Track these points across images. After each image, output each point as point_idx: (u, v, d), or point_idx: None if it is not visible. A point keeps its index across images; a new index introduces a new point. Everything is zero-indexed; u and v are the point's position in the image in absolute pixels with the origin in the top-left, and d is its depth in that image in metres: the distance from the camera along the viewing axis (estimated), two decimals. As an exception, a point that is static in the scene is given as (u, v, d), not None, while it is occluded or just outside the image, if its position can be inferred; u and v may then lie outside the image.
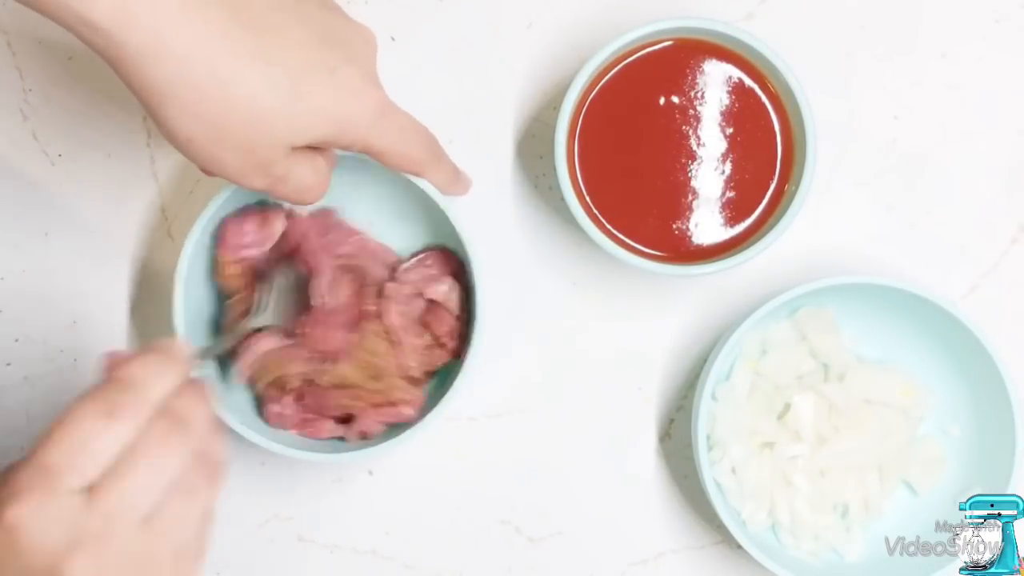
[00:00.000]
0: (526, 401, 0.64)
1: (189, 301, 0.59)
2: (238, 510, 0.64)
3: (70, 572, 0.39)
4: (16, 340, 0.65)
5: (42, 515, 0.38)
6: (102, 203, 0.65)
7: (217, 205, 0.58)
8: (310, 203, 0.53)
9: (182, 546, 0.42)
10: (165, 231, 0.65)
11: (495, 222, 0.64)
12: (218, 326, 0.61)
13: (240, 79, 0.45)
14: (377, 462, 0.64)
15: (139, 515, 0.40)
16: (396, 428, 0.59)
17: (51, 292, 0.65)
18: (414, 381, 0.60)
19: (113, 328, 0.64)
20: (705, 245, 0.59)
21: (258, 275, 0.60)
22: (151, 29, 0.44)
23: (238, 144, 0.47)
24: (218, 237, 0.59)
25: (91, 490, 0.39)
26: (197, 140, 0.47)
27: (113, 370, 0.42)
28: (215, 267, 0.60)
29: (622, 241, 0.59)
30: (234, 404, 0.59)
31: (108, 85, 0.65)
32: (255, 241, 0.59)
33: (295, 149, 0.49)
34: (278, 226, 0.60)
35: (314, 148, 0.51)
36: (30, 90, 0.65)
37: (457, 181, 0.59)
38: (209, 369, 0.58)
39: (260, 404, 0.61)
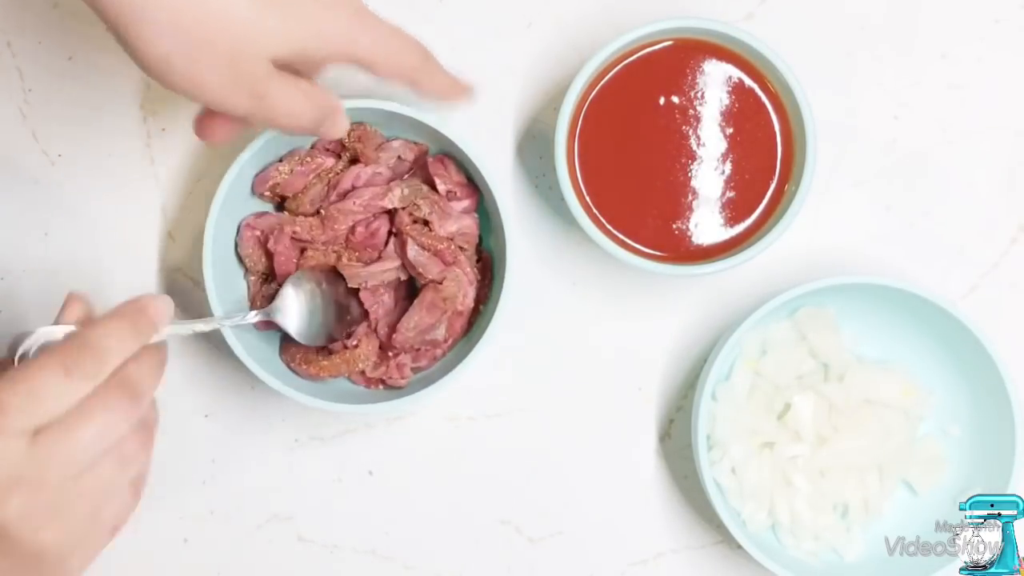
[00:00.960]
0: (526, 401, 0.64)
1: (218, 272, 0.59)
2: (238, 510, 0.64)
3: (0, 506, 0.41)
4: (16, 340, 0.65)
5: None
6: (102, 203, 0.65)
7: (234, 173, 0.59)
8: (302, 130, 0.51)
9: (105, 508, 0.45)
10: (165, 231, 0.65)
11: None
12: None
13: None
14: (377, 462, 0.64)
15: (74, 470, 0.43)
16: (424, 379, 0.61)
17: (51, 292, 0.65)
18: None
19: (113, 328, 0.64)
20: (705, 245, 0.59)
21: (280, 272, 0.61)
22: None
23: (217, 58, 0.46)
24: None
25: (35, 435, 0.42)
26: (174, 57, 0.45)
27: (83, 324, 0.45)
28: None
29: (622, 241, 0.59)
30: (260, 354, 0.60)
31: (108, 85, 0.65)
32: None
33: (277, 67, 0.48)
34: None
35: (298, 74, 0.50)
36: (30, 90, 0.65)
37: (456, 87, 0.57)
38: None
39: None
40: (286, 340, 0.61)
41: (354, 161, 0.62)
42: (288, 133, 0.53)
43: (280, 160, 0.61)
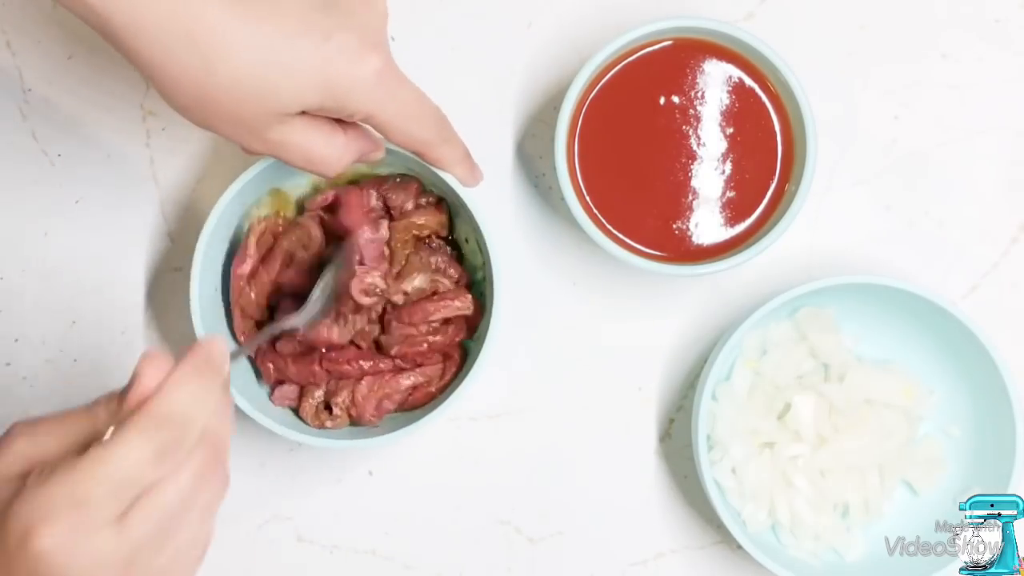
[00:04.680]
0: (526, 401, 0.64)
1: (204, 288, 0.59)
2: (238, 510, 0.64)
3: None
4: (16, 340, 0.65)
5: (74, 547, 0.38)
6: (102, 203, 0.65)
7: (236, 190, 0.58)
8: (326, 175, 0.52)
9: (188, 555, 0.42)
10: (165, 231, 0.65)
11: (495, 222, 0.64)
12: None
13: (220, 51, 0.45)
14: (377, 462, 0.64)
15: (161, 539, 0.40)
16: (407, 416, 0.60)
17: (51, 292, 0.65)
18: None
19: (113, 328, 0.64)
20: (705, 245, 0.59)
21: (310, 271, 0.60)
22: (131, 3, 0.44)
23: (227, 113, 0.47)
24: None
25: (121, 518, 0.39)
26: (190, 109, 0.47)
27: (154, 389, 0.41)
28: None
29: (622, 241, 0.59)
30: (242, 386, 0.59)
31: (108, 85, 0.65)
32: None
33: (296, 116, 0.49)
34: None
35: (333, 121, 0.51)
36: (30, 90, 0.65)
37: (466, 162, 0.57)
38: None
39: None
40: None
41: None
42: (313, 174, 0.54)
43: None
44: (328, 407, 0.61)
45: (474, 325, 0.61)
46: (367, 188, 0.60)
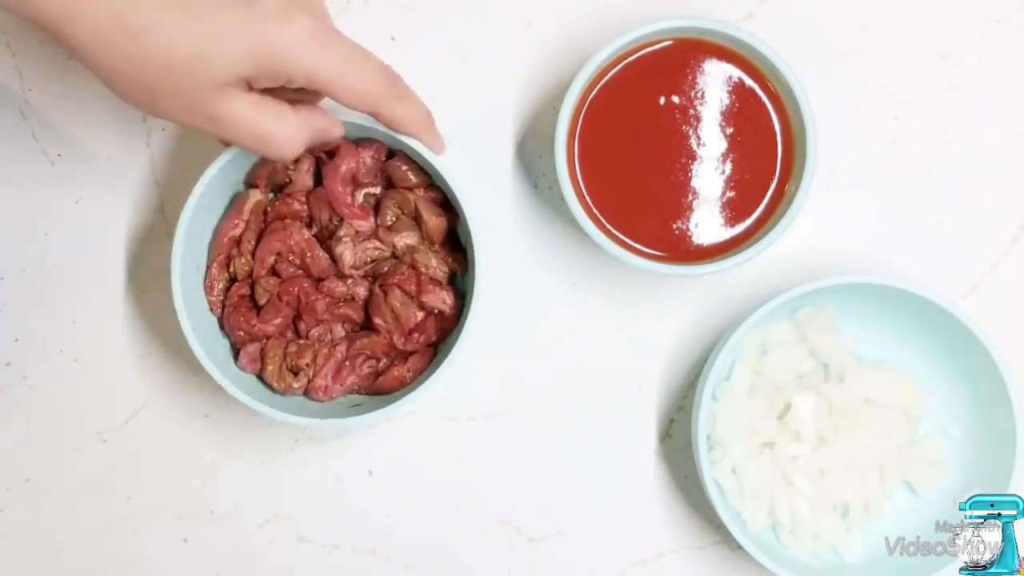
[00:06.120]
0: (526, 401, 0.64)
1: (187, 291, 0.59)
2: (238, 510, 0.64)
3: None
4: (16, 340, 0.65)
5: None
6: (102, 203, 0.65)
7: (209, 178, 0.58)
8: (281, 157, 0.52)
9: None
10: (165, 231, 0.65)
11: (495, 222, 0.64)
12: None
13: (150, 29, 0.46)
14: (377, 462, 0.64)
15: None
16: (376, 400, 0.60)
17: (51, 292, 0.65)
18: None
19: (113, 328, 0.64)
20: (705, 245, 0.59)
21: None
22: None
23: (167, 91, 0.48)
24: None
25: None
26: (136, 93, 0.48)
27: None
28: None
29: (622, 241, 0.59)
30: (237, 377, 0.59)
31: (108, 85, 0.65)
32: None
33: (240, 91, 0.49)
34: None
35: (283, 101, 0.51)
36: (30, 90, 0.65)
37: (425, 120, 0.56)
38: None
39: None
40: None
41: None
42: (267, 156, 0.53)
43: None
44: (292, 370, 0.60)
45: (447, 329, 0.61)
46: (366, 149, 0.60)
